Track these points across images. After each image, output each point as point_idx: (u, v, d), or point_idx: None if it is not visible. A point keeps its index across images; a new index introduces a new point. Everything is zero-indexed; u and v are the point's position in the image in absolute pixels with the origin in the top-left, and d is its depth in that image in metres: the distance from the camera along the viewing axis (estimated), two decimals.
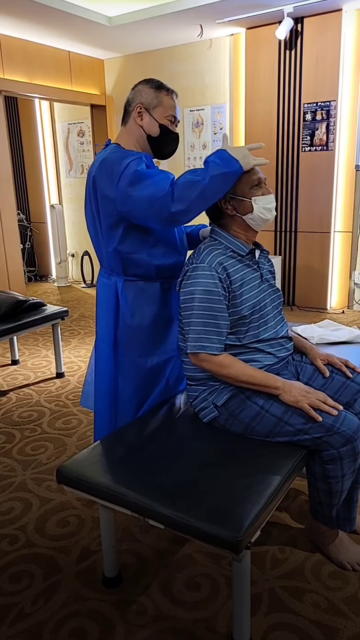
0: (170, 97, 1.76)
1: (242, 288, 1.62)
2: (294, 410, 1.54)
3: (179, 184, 1.55)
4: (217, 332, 1.58)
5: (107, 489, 1.42)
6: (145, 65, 5.41)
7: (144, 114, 1.74)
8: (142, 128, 1.75)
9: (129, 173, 1.58)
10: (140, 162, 1.62)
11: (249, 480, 1.39)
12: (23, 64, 5.00)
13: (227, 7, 4.11)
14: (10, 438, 2.61)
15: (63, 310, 3.34)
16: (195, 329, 1.59)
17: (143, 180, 1.57)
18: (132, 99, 1.77)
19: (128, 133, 1.78)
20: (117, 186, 1.61)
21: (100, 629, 1.47)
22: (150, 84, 1.75)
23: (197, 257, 1.63)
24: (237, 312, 1.61)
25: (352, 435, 1.49)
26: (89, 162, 6.19)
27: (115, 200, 1.63)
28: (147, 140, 1.76)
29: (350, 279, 4.89)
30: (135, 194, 1.58)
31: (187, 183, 1.54)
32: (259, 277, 1.70)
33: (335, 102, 4.45)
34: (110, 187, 1.63)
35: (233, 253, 1.65)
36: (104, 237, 1.76)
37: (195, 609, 1.54)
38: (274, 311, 1.73)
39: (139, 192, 1.57)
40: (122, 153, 1.67)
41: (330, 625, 1.47)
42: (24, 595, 1.60)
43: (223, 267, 1.59)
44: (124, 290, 1.80)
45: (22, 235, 6.48)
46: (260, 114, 4.83)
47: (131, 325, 1.81)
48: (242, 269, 1.65)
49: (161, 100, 1.73)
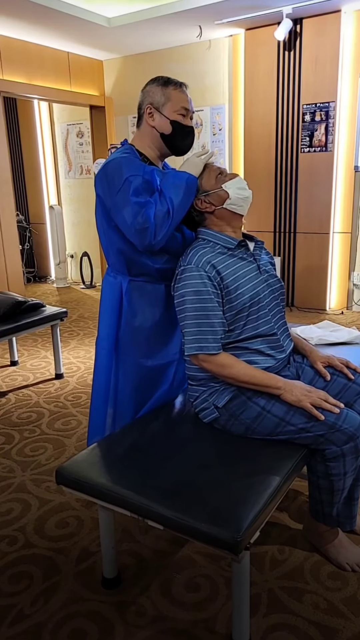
0: (180, 91, 1.74)
1: (236, 282, 1.62)
2: (296, 409, 1.54)
3: (157, 219, 1.59)
4: (212, 332, 1.59)
5: (106, 489, 1.42)
6: (145, 66, 5.42)
7: (155, 113, 1.73)
8: (155, 128, 1.74)
9: (126, 191, 1.60)
10: (137, 180, 1.62)
11: (248, 481, 1.39)
12: (22, 65, 5.00)
13: (226, 8, 4.11)
14: (9, 439, 2.61)
15: (62, 311, 3.34)
16: (190, 330, 1.59)
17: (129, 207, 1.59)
18: (142, 102, 1.77)
19: (142, 135, 1.78)
20: (113, 199, 1.64)
21: (99, 630, 1.47)
22: (157, 82, 1.74)
23: (185, 259, 1.64)
24: (234, 306, 1.61)
25: (355, 432, 1.49)
26: (88, 163, 6.19)
27: (110, 210, 1.68)
28: (161, 138, 1.75)
29: (349, 279, 4.90)
30: (124, 216, 1.61)
31: (159, 216, 1.58)
32: (256, 268, 1.70)
33: (334, 103, 4.46)
34: (107, 196, 1.67)
35: (222, 248, 1.66)
36: (108, 236, 1.78)
37: (194, 609, 1.54)
38: (273, 302, 1.72)
39: (127, 216, 1.60)
40: (125, 163, 1.65)
41: (329, 625, 1.47)
42: (23, 596, 1.60)
43: (211, 265, 1.60)
44: (128, 290, 1.81)
45: (21, 236, 6.48)
46: (260, 115, 4.84)
47: (133, 326, 1.82)
48: (235, 262, 1.65)
49: (169, 96, 1.72)
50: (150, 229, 1.58)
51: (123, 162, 1.65)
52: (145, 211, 1.58)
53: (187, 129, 1.77)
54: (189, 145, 1.80)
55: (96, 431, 1.94)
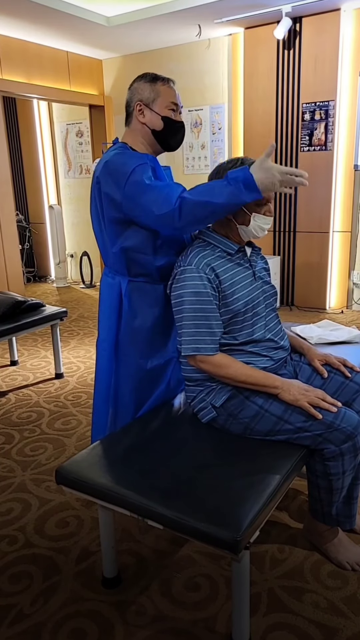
0: (168, 86, 1.74)
1: (233, 287, 1.62)
2: (294, 409, 1.54)
3: (189, 202, 1.50)
4: (210, 333, 1.59)
5: (106, 489, 1.42)
6: (144, 65, 5.41)
7: (145, 110, 1.72)
8: (146, 125, 1.73)
9: (136, 180, 1.57)
10: (146, 168, 1.60)
11: (248, 481, 1.39)
12: (21, 64, 5.00)
13: (226, 7, 4.11)
14: (9, 439, 2.61)
15: (62, 311, 3.34)
16: (188, 331, 1.59)
17: (149, 192, 1.55)
18: (130, 99, 1.76)
19: (133, 133, 1.77)
20: (123, 190, 1.59)
21: (99, 629, 1.47)
22: (145, 79, 1.74)
23: (185, 260, 1.63)
24: (229, 310, 1.61)
25: (353, 431, 1.50)
26: (88, 163, 6.19)
27: (122, 204, 1.62)
28: (153, 135, 1.75)
29: (349, 278, 4.89)
30: (142, 204, 1.57)
31: (199, 203, 1.50)
32: (251, 275, 1.70)
33: (334, 102, 4.45)
34: (117, 191, 1.62)
35: (222, 252, 1.66)
36: (109, 237, 1.76)
37: (194, 609, 1.54)
38: (267, 309, 1.73)
39: (146, 203, 1.56)
40: (127, 155, 1.65)
41: (329, 625, 1.47)
42: (23, 596, 1.60)
43: (211, 268, 1.60)
44: (127, 291, 1.80)
45: (21, 236, 6.48)
46: (259, 114, 4.83)
47: (133, 326, 1.81)
48: (233, 267, 1.65)
49: (158, 91, 1.72)
50: (174, 212, 1.51)
51: (126, 155, 1.65)
52: (164, 193, 1.53)
53: (178, 125, 1.76)
54: (179, 141, 1.80)
55: (99, 432, 1.94)
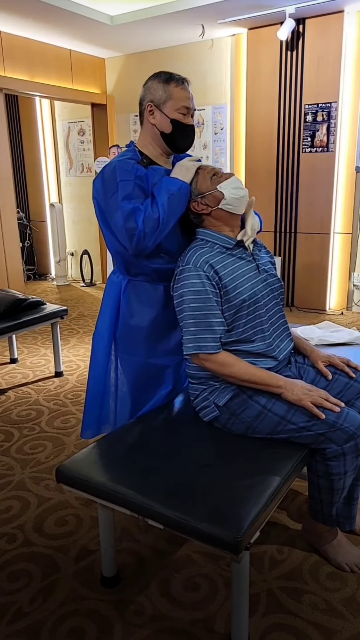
0: (181, 88, 1.69)
1: (234, 281, 1.62)
2: (297, 408, 1.54)
3: (146, 225, 1.60)
4: (211, 331, 1.59)
5: (106, 488, 1.42)
6: (147, 64, 5.41)
7: (155, 111, 1.70)
8: (155, 126, 1.72)
9: (117, 196, 1.62)
10: (127, 185, 1.62)
11: (248, 481, 1.39)
12: (24, 62, 4.99)
13: (229, 7, 4.11)
14: (8, 437, 2.60)
15: (62, 309, 3.34)
16: (189, 330, 1.60)
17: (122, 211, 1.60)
18: (143, 98, 1.74)
19: (144, 133, 1.77)
20: (107, 202, 1.66)
21: (98, 628, 1.47)
22: (159, 78, 1.69)
23: (184, 259, 1.65)
24: (232, 306, 1.61)
25: (355, 431, 1.50)
26: (89, 161, 6.19)
27: (104, 213, 1.70)
28: (162, 137, 1.73)
29: (350, 280, 4.89)
30: (115, 220, 1.63)
31: (149, 222, 1.59)
32: (255, 267, 1.70)
33: (336, 103, 4.45)
34: (102, 200, 1.69)
35: (221, 248, 1.66)
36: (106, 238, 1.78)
37: (193, 609, 1.54)
38: (272, 302, 1.73)
39: (117, 220, 1.61)
40: (118, 167, 1.65)
41: (328, 626, 1.47)
42: (22, 594, 1.60)
43: (210, 265, 1.60)
44: (126, 290, 1.81)
45: (22, 234, 6.47)
46: (261, 114, 4.83)
47: (130, 325, 1.82)
48: (234, 262, 1.65)
49: (171, 93, 1.68)
50: (139, 235, 1.59)
51: (118, 166, 1.65)
52: (134, 217, 1.58)
53: (188, 128, 1.73)
54: (189, 143, 1.78)
55: (90, 424, 1.96)
